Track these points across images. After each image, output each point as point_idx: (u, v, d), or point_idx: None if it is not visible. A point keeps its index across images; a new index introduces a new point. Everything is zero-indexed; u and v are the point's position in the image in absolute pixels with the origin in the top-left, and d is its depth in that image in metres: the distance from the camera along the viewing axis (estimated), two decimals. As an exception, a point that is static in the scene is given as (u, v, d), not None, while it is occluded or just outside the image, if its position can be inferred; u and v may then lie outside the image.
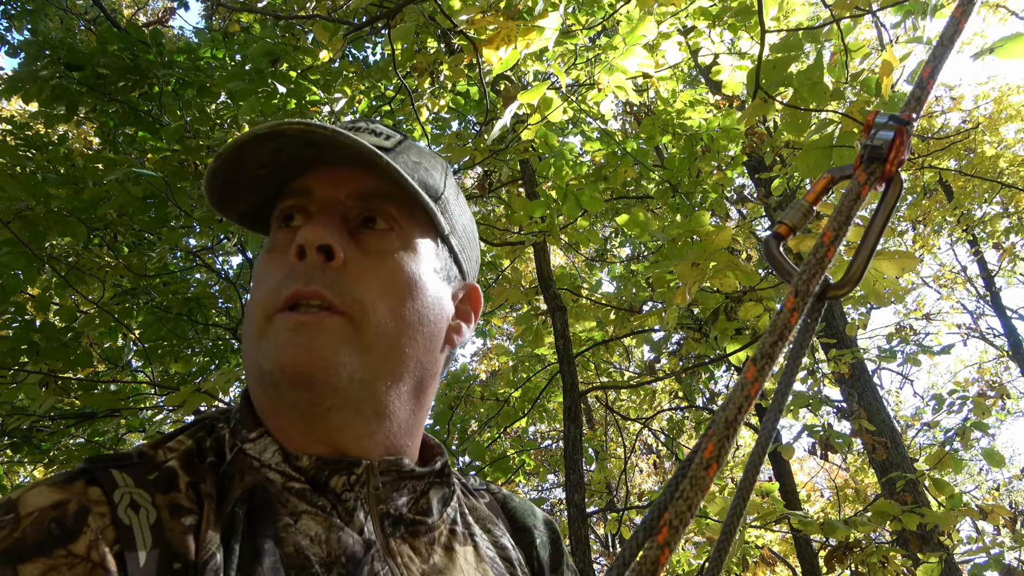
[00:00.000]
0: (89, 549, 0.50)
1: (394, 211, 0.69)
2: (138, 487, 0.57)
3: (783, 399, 0.59)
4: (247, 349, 0.66)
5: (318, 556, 0.59)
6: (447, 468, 0.74)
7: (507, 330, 11.77)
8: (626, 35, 3.65)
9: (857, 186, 0.63)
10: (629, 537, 0.50)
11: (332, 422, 0.64)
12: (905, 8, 2.81)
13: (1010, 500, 14.58)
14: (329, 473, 0.64)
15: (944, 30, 0.69)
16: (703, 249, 2.90)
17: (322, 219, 0.66)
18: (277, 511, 0.61)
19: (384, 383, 0.66)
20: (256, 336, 0.64)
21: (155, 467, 0.60)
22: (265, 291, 0.65)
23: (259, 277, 0.68)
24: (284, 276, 0.64)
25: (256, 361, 0.64)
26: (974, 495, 14.81)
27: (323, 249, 0.64)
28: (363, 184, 0.68)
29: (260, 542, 0.58)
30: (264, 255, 0.69)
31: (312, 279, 0.62)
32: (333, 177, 0.68)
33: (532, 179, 5.30)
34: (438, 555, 0.68)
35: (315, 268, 0.63)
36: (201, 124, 4.42)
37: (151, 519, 0.55)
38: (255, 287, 0.68)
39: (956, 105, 11.20)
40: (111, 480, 0.56)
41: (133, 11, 9.13)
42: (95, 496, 0.55)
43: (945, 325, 13.41)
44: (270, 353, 0.62)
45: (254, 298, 0.67)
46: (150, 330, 4.68)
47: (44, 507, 0.52)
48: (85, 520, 0.52)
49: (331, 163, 0.68)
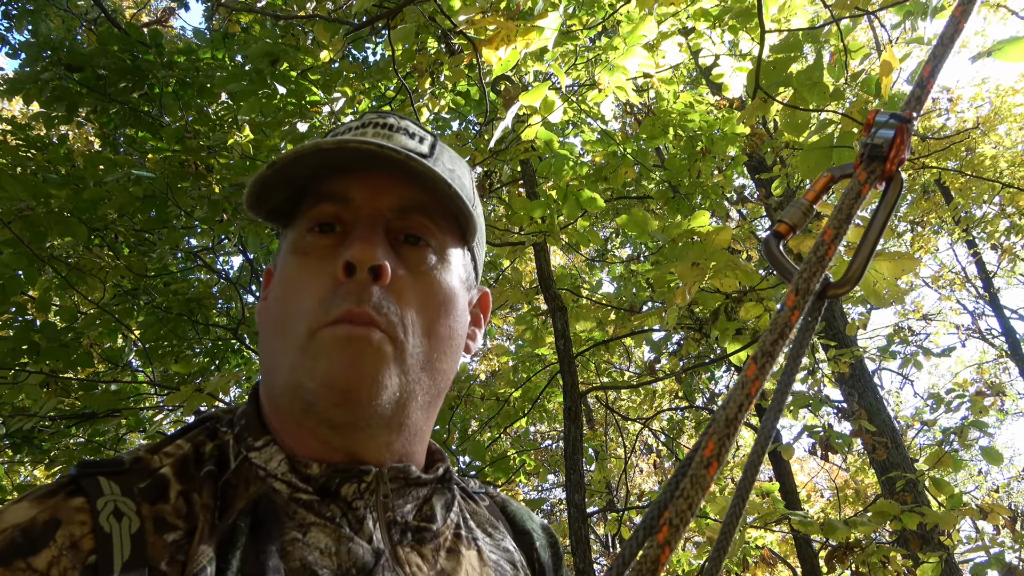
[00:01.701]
0: (50, 565, 0.49)
1: (431, 224, 0.69)
2: (124, 496, 0.56)
3: (783, 399, 0.59)
4: (281, 359, 0.64)
5: (329, 569, 0.58)
6: (449, 473, 0.73)
7: (507, 330, 11.77)
8: (626, 35, 3.65)
9: (858, 185, 0.63)
10: (629, 536, 0.50)
11: (359, 436, 0.64)
12: (905, 8, 2.81)
13: (1010, 501, 14.59)
14: (340, 481, 0.63)
15: (944, 30, 0.69)
16: (703, 249, 2.90)
17: (369, 235, 0.65)
18: (284, 524, 0.60)
19: (415, 399, 0.66)
20: (299, 350, 0.62)
21: (147, 474, 0.59)
22: (309, 303, 0.63)
23: (293, 283, 0.66)
24: (331, 292, 0.63)
25: (295, 375, 0.62)
26: (974, 495, 14.80)
27: (373, 269, 0.63)
28: (403, 194, 0.67)
29: (263, 558, 0.56)
30: (295, 258, 0.67)
31: (363, 299, 0.62)
32: (372, 185, 0.67)
33: (532, 179, 5.30)
34: (444, 560, 0.68)
35: (364, 288, 0.63)
36: (201, 125, 4.42)
37: (133, 528, 0.53)
38: (288, 291, 0.66)
39: (954, 107, 11.21)
40: (96, 488, 0.56)
41: (134, 12, 9.13)
42: (76, 505, 0.54)
43: (944, 326, 13.42)
44: (317, 371, 0.61)
45: (291, 306, 0.65)
46: (150, 330, 4.68)
47: (16, 524, 0.51)
48: (52, 534, 0.51)
49: (371, 169, 0.67)
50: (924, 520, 3.63)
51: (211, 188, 3.88)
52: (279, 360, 0.64)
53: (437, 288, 0.68)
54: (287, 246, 0.69)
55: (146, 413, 4.89)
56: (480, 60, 2.92)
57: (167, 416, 4.90)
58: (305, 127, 3.99)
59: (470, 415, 6.22)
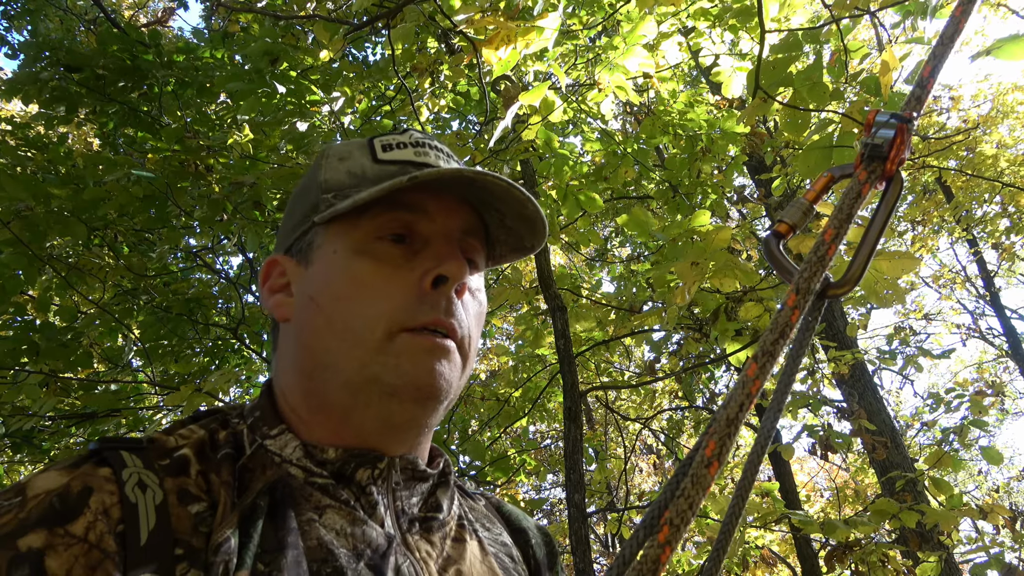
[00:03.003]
0: (87, 530, 0.51)
1: (481, 248, 0.76)
2: (146, 469, 0.58)
3: (782, 398, 0.59)
4: (344, 356, 0.66)
5: (345, 548, 0.61)
6: (448, 468, 0.76)
7: (507, 330, 11.77)
8: (626, 35, 3.65)
9: (858, 184, 0.63)
10: (630, 536, 0.50)
11: (405, 433, 0.69)
12: (905, 8, 2.81)
13: (1010, 501, 14.58)
14: (355, 466, 0.66)
15: (944, 29, 0.69)
16: (702, 248, 2.90)
17: (456, 252, 0.70)
18: (300, 505, 0.62)
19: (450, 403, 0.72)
20: (375, 349, 0.65)
21: (166, 452, 0.61)
22: (386, 307, 0.66)
23: (364, 285, 0.67)
24: (416, 299, 0.67)
25: (370, 371, 0.65)
26: (974, 495, 14.80)
27: (459, 286, 0.69)
28: (469, 219, 0.74)
29: (282, 535, 0.59)
30: (364, 261, 0.68)
31: (449, 312, 0.68)
32: (447, 205, 0.72)
33: (532, 179, 5.30)
34: (450, 547, 0.71)
35: (451, 301, 0.68)
36: (201, 124, 4.42)
37: (157, 499, 0.55)
38: (357, 292, 0.67)
39: (955, 105, 11.20)
40: (120, 460, 0.58)
41: (133, 12, 9.13)
42: (104, 475, 0.56)
43: (945, 325, 13.42)
44: (401, 369, 0.65)
45: (362, 307, 0.66)
46: (150, 330, 4.68)
47: (50, 490, 0.53)
48: (87, 501, 0.53)
49: (448, 190, 0.72)
50: (923, 519, 3.63)
51: (211, 188, 3.88)
52: (339, 357, 0.66)
53: (482, 308, 0.76)
54: (348, 246, 0.69)
55: (146, 413, 4.89)
56: (480, 60, 2.92)
57: (167, 416, 4.90)
58: (305, 127, 3.99)
59: (470, 415, 6.21)
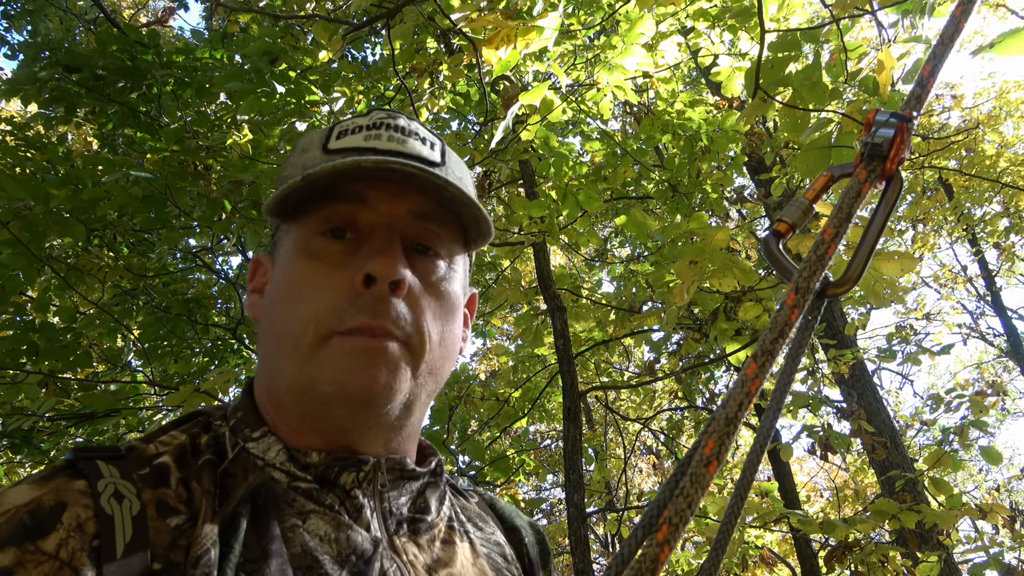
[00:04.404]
0: (59, 547, 0.49)
1: (442, 233, 0.70)
2: (123, 479, 0.56)
3: (781, 398, 0.59)
4: (284, 359, 0.64)
5: (329, 555, 0.59)
6: (440, 467, 0.75)
7: (507, 330, 11.77)
8: (625, 34, 3.65)
9: (857, 184, 0.63)
10: (629, 534, 0.50)
11: (365, 436, 0.66)
12: (903, 7, 2.81)
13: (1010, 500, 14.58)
14: (339, 469, 0.64)
15: (944, 29, 0.69)
16: (701, 248, 2.90)
17: (388, 247, 0.65)
18: (283, 511, 0.61)
19: (419, 401, 0.68)
20: (306, 354, 0.63)
21: (145, 461, 0.60)
22: (320, 309, 0.63)
23: (301, 286, 0.65)
24: (346, 301, 0.63)
25: (304, 377, 0.63)
26: (974, 495, 14.80)
27: (392, 283, 0.64)
28: (417, 200, 0.68)
29: (265, 543, 0.57)
30: (304, 260, 0.66)
31: (379, 312, 0.63)
32: (389, 189, 0.67)
33: (532, 179, 5.30)
34: (439, 550, 0.69)
35: (383, 301, 0.63)
36: (200, 125, 4.41)
37: (134, 510, 0.54)
38: (295, 293, 0.65)
39: (957, 104, 11.20)
40: (96, 471, 0.56)
41: (133, 12, 9.13)
42: (79, 488, 0.54)
43: (945, 325, 13.41)
44: (331, 376, 0.61)
45: (298, 309, 0.64)
46: (150, 330, 4.68)
47: (20, 504, 0.51)
48: (59, 516, 0.51)
49: (390, 176, 0.67)
50: (923, 518, 3.63)
51: (210, 187, 3.88)
52: (281, 360, 0.65)
53: (445, 298, 0.70)
54: (293, 245, 0.68)
55: (145, 413, 4.88)
56: (480, 60, 2.92)
57: (166, 416, 4.90)
58: (304, 127, 3.99)
59: (470, 415, 6.21)
